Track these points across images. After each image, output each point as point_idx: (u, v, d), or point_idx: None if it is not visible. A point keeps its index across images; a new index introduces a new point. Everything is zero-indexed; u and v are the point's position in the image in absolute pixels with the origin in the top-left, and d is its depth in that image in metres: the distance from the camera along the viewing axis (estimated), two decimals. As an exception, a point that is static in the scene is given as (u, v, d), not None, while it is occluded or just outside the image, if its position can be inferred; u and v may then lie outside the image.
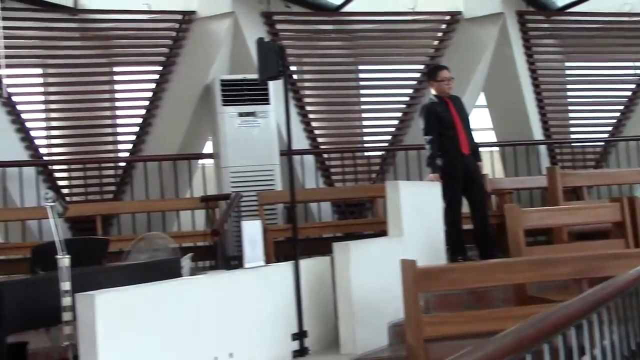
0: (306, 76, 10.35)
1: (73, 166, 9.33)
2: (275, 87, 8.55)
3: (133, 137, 9.39)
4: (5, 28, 7.25)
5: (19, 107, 8.93)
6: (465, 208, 7.33)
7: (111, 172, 9.36)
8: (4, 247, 8.07)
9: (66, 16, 9.51)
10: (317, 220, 9.40)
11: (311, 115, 9.92)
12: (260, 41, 5.76)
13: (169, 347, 4.48)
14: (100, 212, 8.49)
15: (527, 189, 9.67)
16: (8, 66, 7.83)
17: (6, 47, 7.38)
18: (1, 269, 7.59)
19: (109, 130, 9.65)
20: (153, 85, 9.43)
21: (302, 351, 5.49)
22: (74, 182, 9.32)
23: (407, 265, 4.63)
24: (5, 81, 8.45)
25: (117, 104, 9.70)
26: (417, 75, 10.16)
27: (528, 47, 10.42)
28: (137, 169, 9.23)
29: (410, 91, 10.18)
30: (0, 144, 8.65)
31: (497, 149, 10.45)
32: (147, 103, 9.40)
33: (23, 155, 8.86)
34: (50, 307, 4.43)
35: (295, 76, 9.94)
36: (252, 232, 5.31)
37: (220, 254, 6.94)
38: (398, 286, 4.69)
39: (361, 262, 5.64)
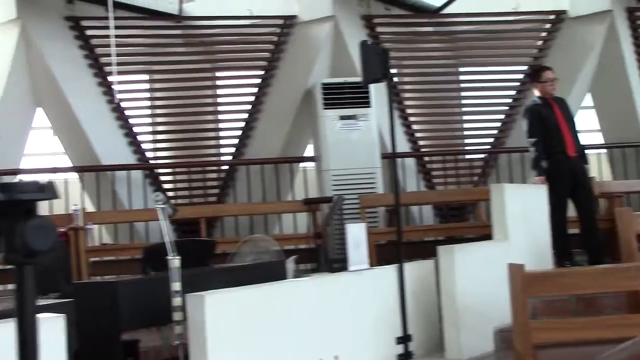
0: (406, 79, 10.30)
1: (178, 169, 9.55)
2: (376, 90, 8.54)
3: (236, 141, 9.55)
4: (115, 37, 7.48)
5: (126, 113, 9.21)
6: (572, 212, 7.14)
7: (214, 175, 9.55)
8: (114, 248, 8.33)
9: (171, 23, 9.77)
10: (418, 224, 9.33)
11: (412, 118, 9.87)
12: (363, 44, 5.76)
13: (276, 348, 4.52)
14: (204, 215, 8.65)
15: (637, 192, 9.34)
16: (118, 73, 8.09)
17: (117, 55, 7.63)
18: (111, 269, 7.85)
19: (212, 134, 9.85)
20: (255, 90, 9.57)
21: (406, 355, 5.45)
22: (179, 185, 9.55)
23: (515, 270, 4.54)
24: (115, 88, 8.76)
25: (220, 108, 9.90)
26: (520, 76, 9.96)
27: (638, 45, 10.07)
28: (240, 172, 9.37)
29: (512, 92, 10.00)
30: (110, 149, 8.95)
31: (604, 151, 10.14)
32: (249, 107, 9.54)
33: (131, 159, 9.14)
34: (161, 307, 4.53)
35: (395, 79, 9.90)
36: (356, 234, 5.31)
37: (323, 256, 6.97)
38: (503, 291, 4.61)
39: (466, 266, 5.56)
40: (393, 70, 9.79)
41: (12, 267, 1.23)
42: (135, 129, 9.27)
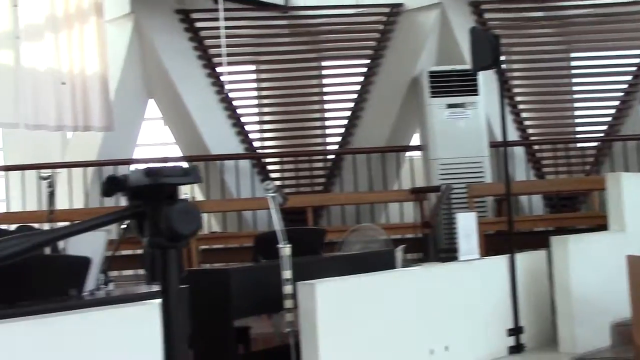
0: (515, 65, 10.06)
1: (285, 159, 9.65)
2: (484, 78, 8.38)
3: (342, 130, 9.55)
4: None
5: (234, 103, 9.36)
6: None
7: (321, 164, 9.59)
8: (223, 236, 8.49)
9: (278, 14, 9.85)
10: (527, 214, 9.12)
11: (521, 106, 9.63)
12: (473, 30, 5.66)
13: (386, 336, 4.50)
14: (311, 204, 8.69)
15: None
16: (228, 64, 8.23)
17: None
18: (220, 257, 8.00)
19: (319, 123, 9.89)
20: (361, 79, 9.54)
21: (517, 347, 5.35)
22: (286, 175, 9.64)
23: (634, 262, 4.37)
24: (224, 79, 8.92)
25: (326, 97, 9.93)
26: (637, 60, 9.57)
27: None
28: (346, 161, 9.38)
29: (628, 78, 9.62)
30: (218, 138, 9.12)
31: None
32: (355, 96, 9.52)
33: (239, 148, 9.28)
34: (272, 295, 4.57)
35: (504, 65, 9.67)
36: (467, 224, 5.23)
37: (431, 246, 6.90)
38: (620, 283, 4.45)
39: (580, 257, 5.40)
40: (502, 57, 9.58)
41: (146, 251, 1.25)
42: (242, 119, 9.40)
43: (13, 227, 7.55)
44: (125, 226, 6.02)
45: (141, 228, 1.17)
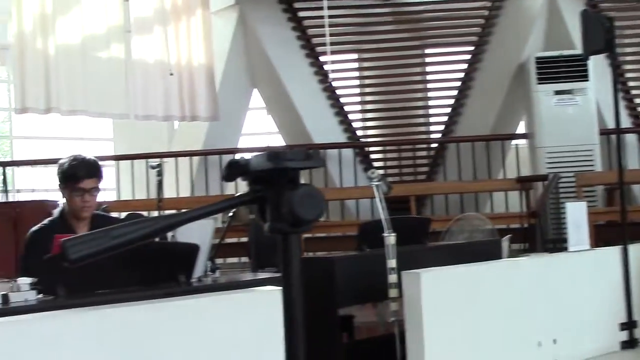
0: (627, 49, 9.68)
1: (388, 147, 9.61)
2: (594, 63, 8.09)
3: (445, 118, 9.44)
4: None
5: (337, 92, 9.38)
6: None
7: (424, 152, 9.51)
8: (325, 225, 8.50)
9: (380, 2, 9.78)
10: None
11: (634, 92, 9.28)
12: (585, 13, 5.46)
13: (492, 327, 4.42)
14: (414, 193, 8.62)
15: None
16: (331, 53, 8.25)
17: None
18: (322, 245, 8.02)
19: (422, 111, 9.81)
20: (465, 66, 9.40)
21: (631, 342, 5.15)
22: (389, 163, 9.60)
23: None
24: (327, 67, 8.94)
25: (429, 85, 9.83)
26: None
27: None
28: (450, 149, 9.26)
29: None
30: (321, 127, 9.16)
31: None
32: (459, 84, 9.39)
33: (341, 137, 9.29)
34: (376, 283, 4.54)
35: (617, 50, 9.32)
36: (577, 214, 5.07)
37: (538, 236, 6.73)
38: None
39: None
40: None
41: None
42: (345, 108, 9.41)
43: (123, 214, 7.80)
44: (231, 214, 6.13)
45: (262, 213, 1.16)
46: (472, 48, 9.36)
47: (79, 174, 3.89)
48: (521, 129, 9.24)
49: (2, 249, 7.03)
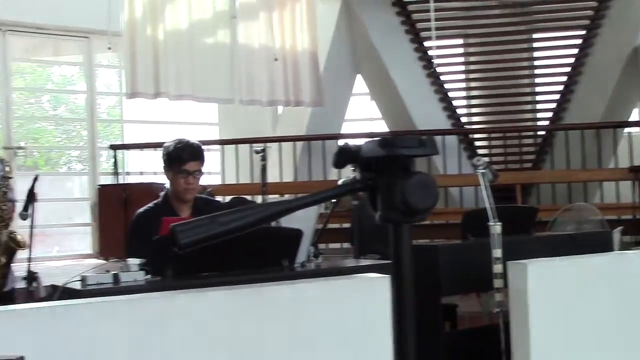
0: None
1: (493, 135, 9.42)
2: None
3: (553, 105, 9.17)
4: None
5: (442, 78, 9.25)
6: None
7: (531, 140, 9.27)
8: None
9: (486, -14, 9.57)
10: None
11: None
12: None
13: (600, 323, 4.26)
14: (520, 181, 8.43)
15: None
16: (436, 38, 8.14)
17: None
18: (425, 233, 7.94)
19: (529, 98, 9.56)
20: (575, 51, 9.09)
21: None
22: (494, 151, 9.41)
23: None
24: (432, 53, 8.83)
25: (537, 71, 9.56)
26: None
27: None
28: (558, 137, 9.00)
29: None
30: (425, 114, 9.06)
31: None
32: (568, 70, 9.10)
33: (446, 124, 9.16)
34: (480, 273, 4.46)
35: None
36: (695, 206, 4.83)
37: (652, 228, 6.47)
38: None
39: None
40: None
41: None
42: (450, 94, 9.28)
43: (227, 198, 7.93)
44: (334, 200, 6.13)
45: (373, 201, 1.13)
46: (583, 32, 9.04)
47: (183, 156, 3.99)
48: (635, 116, 8.88)
49: (113, 229, 7.28)
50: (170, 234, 1.05)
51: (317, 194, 1.14)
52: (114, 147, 8.98)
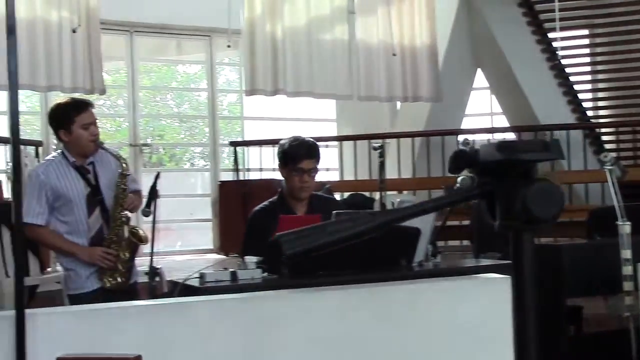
0: None
1: (621, 129, 9.02)
2: None
3: (686, 98, 8.71)
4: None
5: (566, 70, 8.93)
6: None
7: (662, 135, 8.83)
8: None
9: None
10: None
11: None
12: None
13: None
14: (651, 178, 8.03)
15: None
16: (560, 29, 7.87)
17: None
18: (548, 231, 7.68)
19: (660, 90, 9.10)
20: None
21: None
22: (622, 146, 9.02)
23: None
24: (556, 45, 8.54)
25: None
26: None
27: None
28: (692, 131, 8.53)
29: None
30: (548, 108, 8.77)
31: None
32: None
33: (570, 118, 8.85)
34: (608, 275, 4.27)
35: None
36: None
37: None
38: None
39: None
40: None
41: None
42: (575, 87, 8.95)
43: (346, 194, 7.92)
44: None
45: (491, 208, 1.06)
46: None
47: (298, 154, 3.98)
48: None
49: (232, 225, 7.40)
50: (276, 243, 1.02)
51: (426, 203, 1.09)
52: (234, 144, 9.14)
